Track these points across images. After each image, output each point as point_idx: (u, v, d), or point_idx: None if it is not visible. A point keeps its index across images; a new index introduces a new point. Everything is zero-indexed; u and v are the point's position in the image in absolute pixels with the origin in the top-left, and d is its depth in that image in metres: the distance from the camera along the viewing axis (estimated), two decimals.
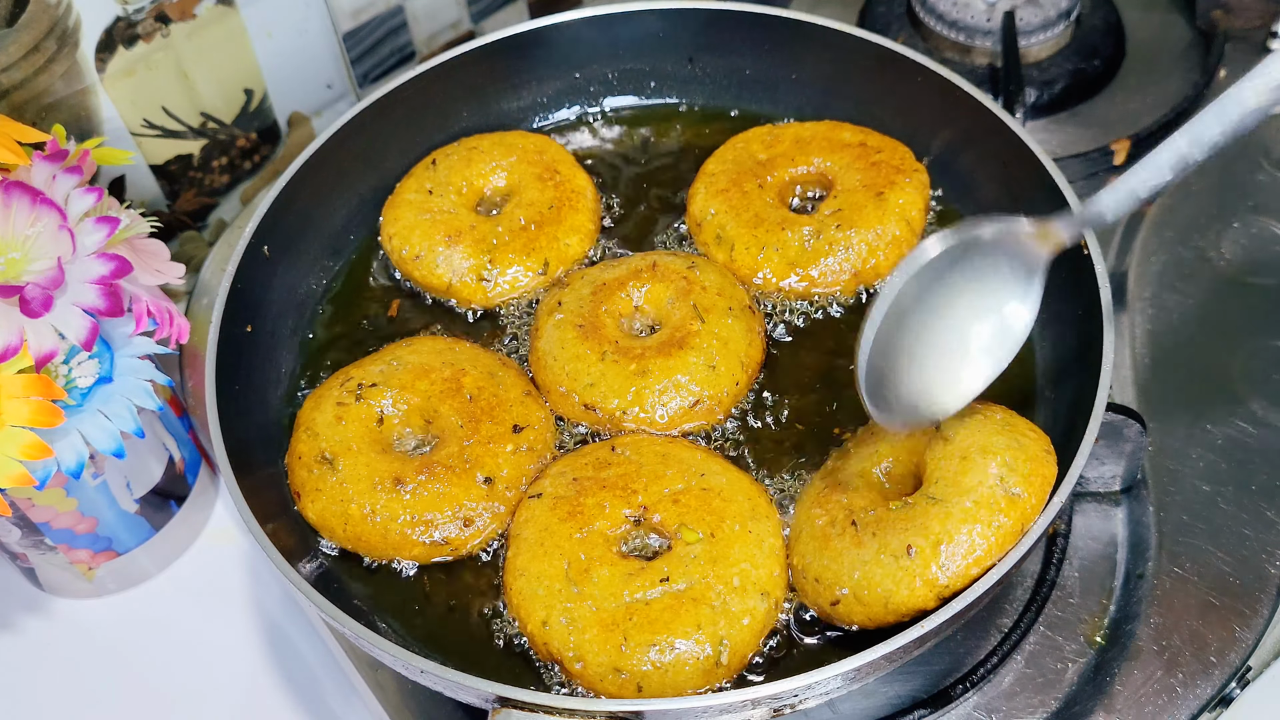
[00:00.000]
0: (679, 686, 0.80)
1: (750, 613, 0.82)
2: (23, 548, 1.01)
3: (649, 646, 0.80)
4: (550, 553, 0.84)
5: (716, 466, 0.89)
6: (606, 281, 0.99)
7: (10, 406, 0.82)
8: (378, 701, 0.93)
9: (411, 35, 1.31)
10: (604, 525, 0.85)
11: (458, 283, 1.02)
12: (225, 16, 1.15)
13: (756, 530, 0.85)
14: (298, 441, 0.93)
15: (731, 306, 0.96)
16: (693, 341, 0.94)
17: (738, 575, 0.82)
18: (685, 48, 1.15)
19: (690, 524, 0.84)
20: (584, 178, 1.09)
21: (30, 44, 1.03)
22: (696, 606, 0.81)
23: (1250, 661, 0.90)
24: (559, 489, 0.88)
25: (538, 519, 0.87)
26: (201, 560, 1.09)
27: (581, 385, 0.93)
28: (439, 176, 1.07)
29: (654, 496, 0.86)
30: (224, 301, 0.93)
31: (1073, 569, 0.95)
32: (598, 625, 0.81)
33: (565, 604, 0.82)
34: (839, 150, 1.06)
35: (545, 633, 0.82)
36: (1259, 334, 1.06)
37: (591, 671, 0.80)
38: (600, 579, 0.82)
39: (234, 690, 1.03)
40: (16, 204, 0.83)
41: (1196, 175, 1.17)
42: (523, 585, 0.84)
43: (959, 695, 0.88)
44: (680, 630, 0.80)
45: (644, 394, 0.93)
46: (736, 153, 1.08)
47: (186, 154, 1.20)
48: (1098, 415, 0.82)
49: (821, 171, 1.06)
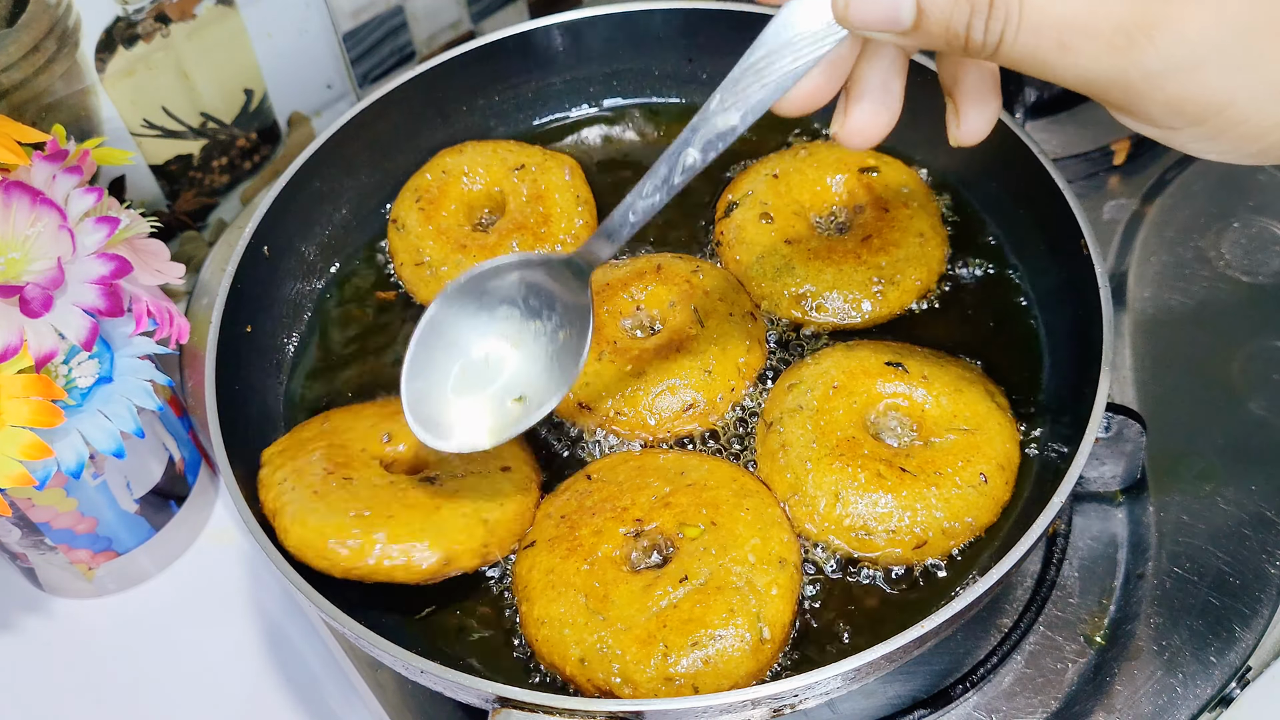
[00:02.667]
0: (733, 675, 0.79)
1: (775, 583, 0.82)
2: (23, 548, 1.01)
3: (691, 646, 0.79)
4: (564, 592, 0.83)
5: (693, 462, 0.89)
6: (609, 282, 0.99)
7: (10, 406, 0.82)
8: (377, 701, 0.93)
9: (411, 35, 1.31)
10: (607, 549, 0.84)
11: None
12: (225, 16, 1.15)
13: (752, 505, 0.85)
14: (262, 490, 0.87)
15: (732, 312, 0.96)
16: (690, 345, 0.94)
17: (751, 552, 0.82)
18: (685, 48, 1.15)
19: (688, 520, 0.84)
20: (557, 161, 1.08)
21: (30, 44, 1.03)
22: (723, 593, 0.80)
23: (1250, 661, 0.90)
24: (549, 531, 0.87)
25: (540, 565, 0.85)
26: (201, 560, 1.09)
27: (578, 384, 0.93)
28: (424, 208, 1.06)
29: (644, 507, 0.86)
30: (223, 301, 0.93)
31: (1073, 569, 0.95)
32: (635, 643, 0.79)
33: (596, 634, 0.80)
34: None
35: (586, 669, 0.80)
36: (1259, 334, 1.06)
37: (644, 690, 0.79)
38: (621, 599, 0.81)
39: (234, 690, 1.03)
40: (16, 204, 0.83)
41: (1196, 175, 1.17)
42: (548, 633, 0.82)
43: (959, 695, 0.88)
44: (715, 621, 0.80)
45: (637, 395, 0.92)
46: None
47: (186, 154, 1.20)
48: (1097, 416, 0.82)
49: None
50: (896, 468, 0.86)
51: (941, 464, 0.86)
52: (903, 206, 1.02)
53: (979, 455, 0.87)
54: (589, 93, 1.17)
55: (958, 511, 0.85)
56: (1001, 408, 0.91)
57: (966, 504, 0.85)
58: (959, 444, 0.87)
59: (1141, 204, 1.16)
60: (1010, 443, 0.89)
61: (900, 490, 0.85)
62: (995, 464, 0.87)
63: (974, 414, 0.89)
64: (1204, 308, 1.09)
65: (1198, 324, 1.08)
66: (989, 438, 0.88)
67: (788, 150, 1.08)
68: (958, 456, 0.87)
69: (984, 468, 0.86)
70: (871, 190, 1.03)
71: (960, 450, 0.87)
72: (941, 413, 0.89)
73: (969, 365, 0.94)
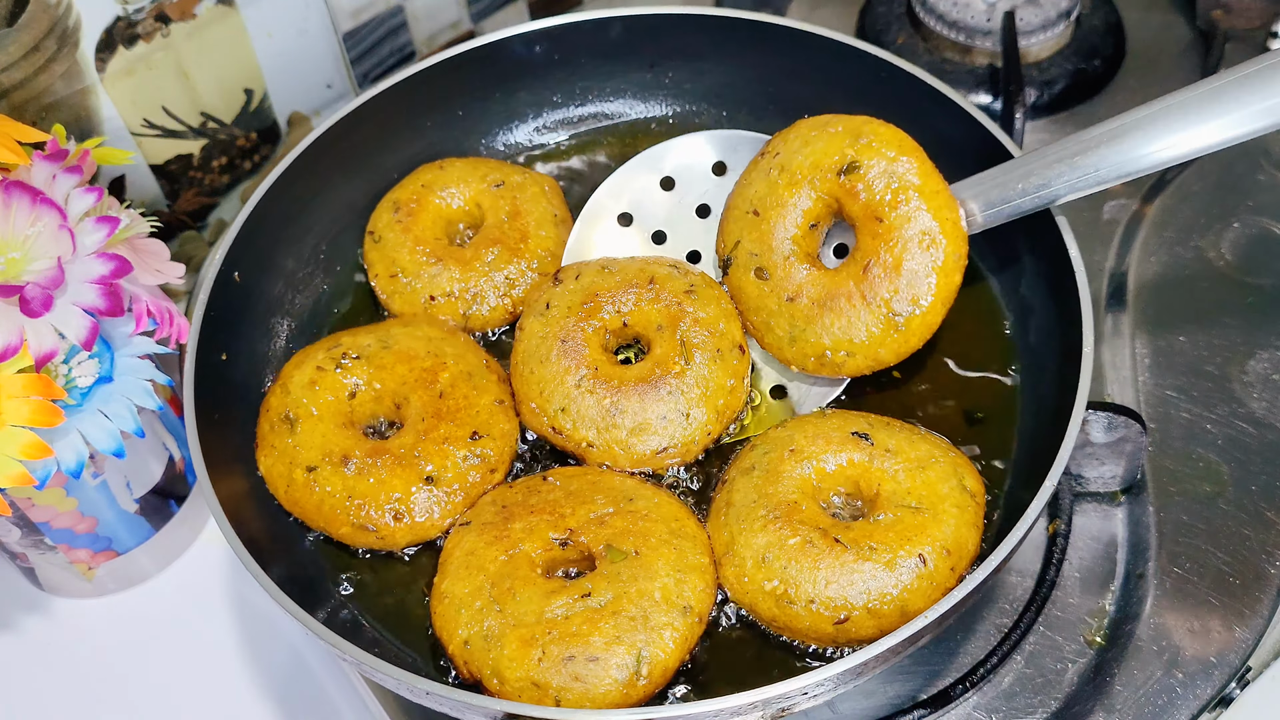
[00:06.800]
0: (597, 700, 0.79)
1: (671, 626, 0.81)
2: (23, 548, 1.01)
3: (565, 660, 0.79)
4: (474, 574, 0.84)
5: (647, 492, 0.88)
6: (599, 292, 0.95)
7: (10, 406, 0.82)
8: (377, 701, 0.93)
9: (411, 35, 1.31)
10: (530, 548, 0.85)
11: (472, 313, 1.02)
12: (225, 16, 1.15)
13: (681, 547, 0.85)
14: (271, 393, 0.95)
15: (720, 347, 0.93)
16: (672, 384, 0.91)
17: (659, 590, 0.82)
18: (651, 55, 1.13)
19: (614, 543, 0.84)
20: (535, 180, 1.07)
21: (30, 44, 1.03)
22: (616, 619, 0.80)
23: (1250, 661, 0.90)
24: (487, 516, 0.88)
25: (464, 544, 0.86)
26: (201, 560, 1.09)
27: (553, 408, 0.92)
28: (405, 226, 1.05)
29: (580, 520, 0.86)
30: (197, 329, 0.93)
31: (1073, 569, 0.95)
32: (516, 640, 0.80)
33: (485, 622, 0.81)
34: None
35: (466, 652, 0.82)
36: (1259, 334, 1.06)
37: (510, 688, 0.79)
38: (523, 597, 0.82)
39: (233, 690, 1.03)
40: (16, 204, 0.83)
41: (1196, 175, 1.17)
42: (445, 608, 0.84)
43: (959, 695, 0.88)
44: (598, 642, 0.79)
45: (613, 430, 0.91)
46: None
47: (186, 154, 1.20)
48: (1078, 413, 0.82)
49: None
50: (831, 537, 0.82)
51: (879, 540, 0.82)
52: (896, 207, 0.89)
53: (922, 536, 0.82)
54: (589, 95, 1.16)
55: (886, 592, 0.81)
56: (970, 493, 0.85)
57: (899, 585, 0.81)
58: (902, 522, 0.83)
59: (1141, 204, 1.16)
60: (967, 529, 0.84)
61: (826, 560, 0.81)
62: (940, 547, 0.82)
63: (930, 494, 0.84)
64: (1204, 308, 1.09)
65: (1198, 324, 1.08)
66: (939, 520, 0.83)
67: (759, 167, 0.97)
68: (899, 535, 0.82)
69: (926, 550, 0.81)
70: (857, 196, 0.90)
71: (902, 529, 0.82)
72: (896, 488, 0.85)
73: (947, 446, 0.89)
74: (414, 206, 1.05)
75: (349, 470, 0.90)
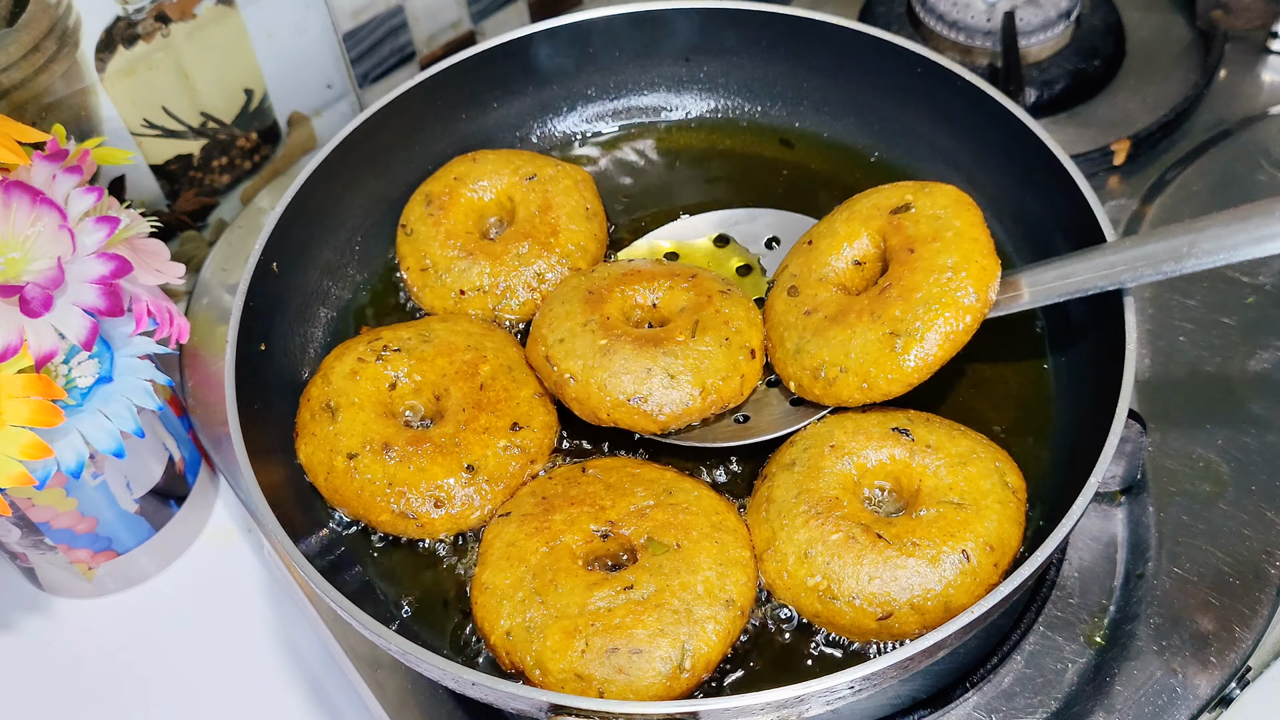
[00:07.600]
0: (641, 692, 0.79)
1: (714, 619, 0.81)
2: (23, 548, 1.01)
3: (609, 652, 0.79)
4: (515, 566, 0.84)
5: (686, 485, 0.89)
6: (642, 270, 0.97)
7: (10, 406, 0.82)
8: (377, 701, 0.93)
9: (411, 35, 1.31)
10: (570, 540, 0.85)
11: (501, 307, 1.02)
12: (225, 16, 1.15)
13: (723, 541, 0.85)
14: (312, 384, 0.96)
15: (729, 338, 0.91)
16: (669, 347, 0.91)
17: (702, 583, 0.82)
18: (685, 49, 1.14)
19: (657, 536, 0.84)
20: (568, 172, 1.07)
21: (30, 44, 1.03)
22: (660, 612, 0.80)
23: (1250, 661, 0.90)
24: (527, 507, 0.88)
25: (504, 535, 0.87)
26: (201, 560, 1.09)
27: (553, 338, 0.92)
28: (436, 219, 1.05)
29: (621, 512, 0.86)
30: (237, 319, 0.93)
31: (1073, 569, 0.95)
32: (559, 632, 0.80)
33: (528, 613, 0.82)
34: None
35: (508, 643, 0.82)
36: (1259, 334, 1.06)
37: (553, 679, 0.80)
38: (565, 589, 0.82)
39: (234, 690, 1.03)
40: (16, 204, 0.83)
41: (1196, 175, 1.17)
42: (486, 599, 0.84)
43: (959, 695, 0.88)
44: (642, 635, 0.80)
45: (597, 369, 0.90)
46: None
47: (186, 154, 1.20)
48: (1116, 430, 0.82)
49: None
50: (873, 533, 0.82)
51: (922, 535, 0.82)
52: (931, 241, 0.90)
53: (965, 531, 0.82)
54: (591, 96, 1.16)
55: (930, 588, 0.81)
56: (1012, 489, 0.85)
57: (943, 581, 0.81)
58: (945, 517, 0.83)
59: (1141, 204, 1.16)
60: (1009, 525, 0.84)
61: (869, 556, 0.82)
62: (983, 543, 0.82)
63: (972, 490, 0.84)
64: (1204, 308, 1.09)
65: (1198, 324, 1.08)
66: (981, 515, 0.83)
67: (834, 210, 0.99)
68: (942, 530, 0.82)
69: (969, 546, 0.82)
70: (901, 230, 0.92)
71: (945, 524, 0.82)
72: (938, 484, 0.85)
73: (987, 442, 0.89)
74: (446, 199, 1.05)
75: (390, 458, 0.90)
